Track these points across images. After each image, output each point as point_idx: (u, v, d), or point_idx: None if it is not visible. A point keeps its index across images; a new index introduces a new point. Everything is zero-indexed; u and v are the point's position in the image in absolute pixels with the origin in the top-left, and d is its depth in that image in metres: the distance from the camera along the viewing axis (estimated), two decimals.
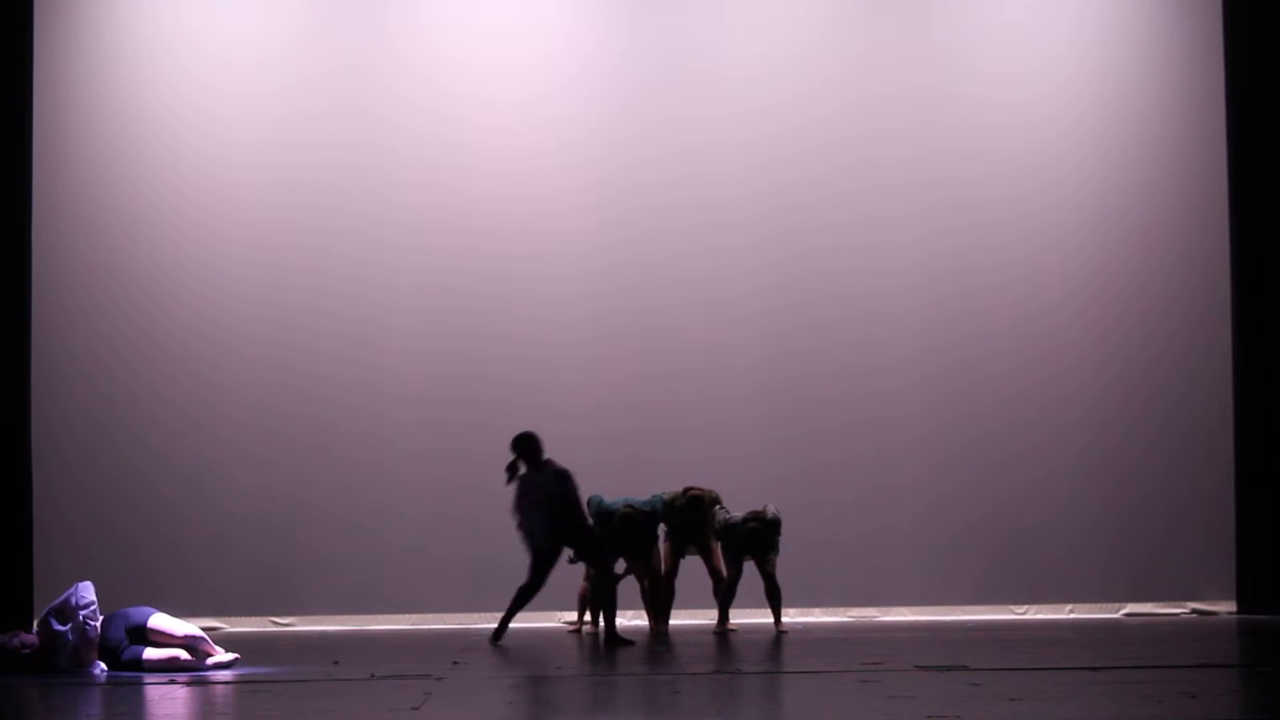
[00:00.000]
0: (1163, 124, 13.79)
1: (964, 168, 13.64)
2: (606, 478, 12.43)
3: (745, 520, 11.87)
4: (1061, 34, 13.80)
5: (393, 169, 13.43)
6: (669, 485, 12.02)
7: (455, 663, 9.75)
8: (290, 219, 13.39)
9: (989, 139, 13.69)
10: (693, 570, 12.14)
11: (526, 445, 11.34)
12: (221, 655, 9.71)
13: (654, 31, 13.76)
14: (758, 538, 11.87)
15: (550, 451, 11.80)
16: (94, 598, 9.59)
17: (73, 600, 9.57)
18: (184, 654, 9.62)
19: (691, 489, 11.97)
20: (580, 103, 13.59)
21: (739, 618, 12.14)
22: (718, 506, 11.99)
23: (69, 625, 9.57)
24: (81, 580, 9.78)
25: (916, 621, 12.87)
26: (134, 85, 13.39)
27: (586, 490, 12.16)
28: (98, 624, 9.54)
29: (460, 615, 13.05)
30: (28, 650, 9.64)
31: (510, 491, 11.30)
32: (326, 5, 13.71)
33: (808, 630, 12.15)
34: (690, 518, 11.94)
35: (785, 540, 11.96)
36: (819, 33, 13.75)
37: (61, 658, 9.52)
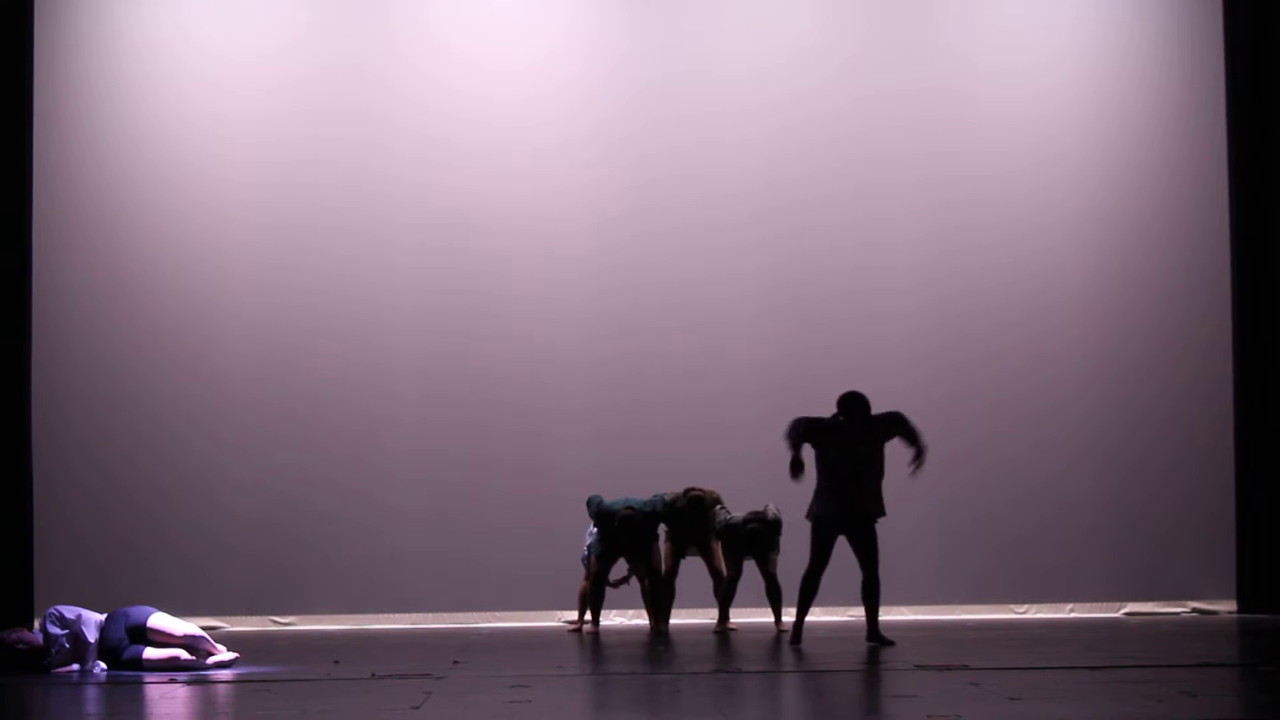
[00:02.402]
0: (1163, 123, 13.76)
1: (965, 167, 13.61)
2: (607, 478, 12.46)
3: (746, 521, 11.87)
4: (1061, 32, 13.77)
5: (393, 168, 13.42)
6: (669, 485, 12.01)
7: (455, 663, 9.76)
8: (291, 218, 13.37)
9: (989, 138, 13.66)
10: (693, 570, 12.14)
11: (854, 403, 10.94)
12: (222, 654, 9.72)
13: (654, 31, 13.74)
14: (758, 538, 11.87)
15: (551, 452, 11.81)
16: (94, 639, 9.59)
17: (80, 627, 9.57)
18: (184, 653, 9.64)
19: (692, 489, 11.95)
20: (580, 102, 13.58)
21: (739, 618, 12.14)
22: (719, 507, 11.99)
23: (65, 632, 9.59)
24: (97, 612, 9.80)
25: (916, 621, 12.85)
26: (134, 83, 13.37)
27: (588, 491, 12.19)
28: (91, 646, 9.56)
29: (460, 615, 13.05)
30: (24, 647, 9.65)
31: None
32: (327, 4, 13.70)
33: (808, 630, 12.13)
34: (691, 518, 11.93)
35: (786, 540, 11.95)
36: (819, 32, 13.72)
37: (51, 659, 9.55)
